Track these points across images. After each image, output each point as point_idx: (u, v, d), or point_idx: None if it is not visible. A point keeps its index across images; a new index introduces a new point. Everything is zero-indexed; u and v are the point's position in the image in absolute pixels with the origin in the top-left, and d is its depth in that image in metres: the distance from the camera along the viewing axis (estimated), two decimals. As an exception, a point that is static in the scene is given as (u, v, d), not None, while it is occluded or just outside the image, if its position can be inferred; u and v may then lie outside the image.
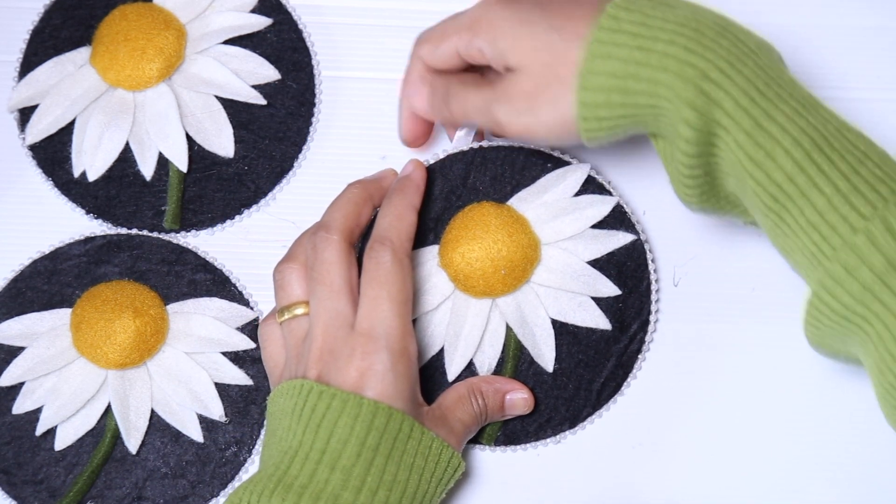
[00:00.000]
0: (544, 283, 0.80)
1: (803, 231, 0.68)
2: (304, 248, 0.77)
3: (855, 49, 0.86)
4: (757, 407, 0.81)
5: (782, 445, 0.81)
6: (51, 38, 0.85)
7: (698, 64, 0.69)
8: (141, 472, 0.80)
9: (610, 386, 0.80)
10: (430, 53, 0.78)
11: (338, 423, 0.71)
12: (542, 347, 0.79)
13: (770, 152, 0.68)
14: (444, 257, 0.79)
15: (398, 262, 0.75)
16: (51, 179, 0.84)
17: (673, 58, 0.69)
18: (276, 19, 0.85)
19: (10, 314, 0.81)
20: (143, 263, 0.82)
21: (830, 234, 0.67)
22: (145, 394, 0.80)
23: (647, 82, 0.70)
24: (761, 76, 0.69)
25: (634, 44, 0.70)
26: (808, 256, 0.69)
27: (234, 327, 0.81)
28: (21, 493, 0.79)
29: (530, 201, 0.80)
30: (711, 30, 0.70)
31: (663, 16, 0.71)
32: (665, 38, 0.70)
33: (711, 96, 0.69)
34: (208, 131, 0.83)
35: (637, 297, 0.80)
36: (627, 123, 0.72)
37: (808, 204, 0.68)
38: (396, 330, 0.73)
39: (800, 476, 0.80)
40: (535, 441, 0.80)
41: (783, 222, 0.69)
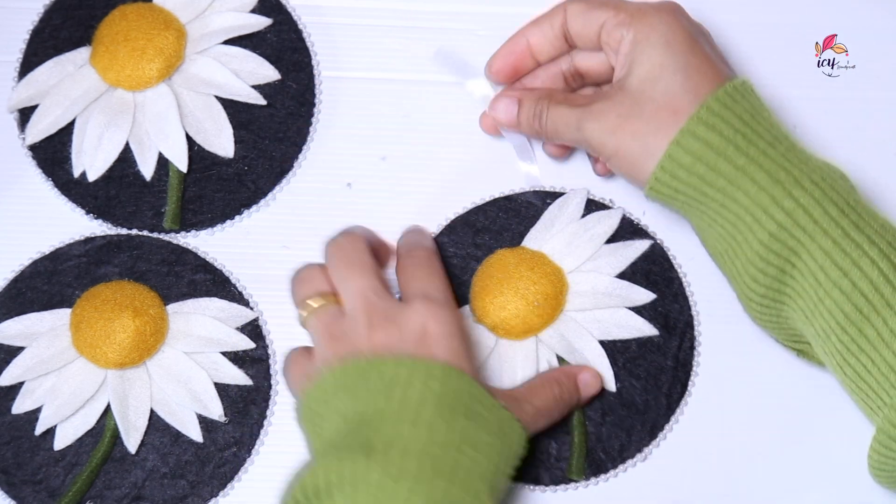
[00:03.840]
0: (579, 307, 0.80)
1: (885, 345, 0.68)
2: (317, 266, 0.75)
3: (855, 49, 0.86)
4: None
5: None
6: (51, 38, 0.85)
7: (785, 178, 0.70)
8: (140, 472, 0.80)
9: (677, 389, 0.80)
10: (576, 15, 0.77)
11: (411, 384, 0.68)
12: (599, 369, 0.79)
13: (857, 261, 0.68)
14: (477, 311, 0.79)
15: (435, 255, 0.76)
16: (51, 179, 0.84)
17: (762, 164, 0.70)
18: (276, 19, 0.85)
19: (10, 314, 0.81)
20: (142, 264, 0.82)
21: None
22: (145, 393, 0.80)
23: (732, 173, 0.71)
24: (844, 197, 0.70)
25: (737, 128, 0.71)
26: (886, 373, 0.68)
27: (234, 327, 0.81)
28: (20, 493, 0.79)
29: (541, 237, 0.81)
30: (793, 152, 0.71)
31: (761, 120, 0.72)
32: (759, 142, 0.71)
33: (799, 202, 0.69)
34: (208, 131, 0.83)
35: (672, 296, 0.80)
36: (693, 198, 0.72)
37: (893, 315, 0.68)
38: (451, 295, 0.73)
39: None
40: (623, 464, 0.79)
41: (863, 336, 0.69)
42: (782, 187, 0.70)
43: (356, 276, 0.72)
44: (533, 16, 0.86)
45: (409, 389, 0.68)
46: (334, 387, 0.69)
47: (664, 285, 0.80)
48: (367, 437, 0.67)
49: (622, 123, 0.74)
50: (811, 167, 0.71)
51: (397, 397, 0.67)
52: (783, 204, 0.70)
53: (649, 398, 0.80)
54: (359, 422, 0.68)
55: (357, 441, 0.67)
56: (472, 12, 0.87)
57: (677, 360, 0.80)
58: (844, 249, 0.69)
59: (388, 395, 0.68)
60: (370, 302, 0.71)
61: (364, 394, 0.68)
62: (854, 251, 0.68)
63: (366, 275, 0.72)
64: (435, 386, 0.68)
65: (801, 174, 0.70)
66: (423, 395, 0.68)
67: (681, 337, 0.80)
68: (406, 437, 0.66)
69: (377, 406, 0.68)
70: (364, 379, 0.69)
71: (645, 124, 0.73)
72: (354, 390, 0.69)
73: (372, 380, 0.68)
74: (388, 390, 0.68)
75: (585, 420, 0.79)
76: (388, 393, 0.68)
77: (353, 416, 0.68)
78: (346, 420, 0.68)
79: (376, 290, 0.72)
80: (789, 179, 0.70)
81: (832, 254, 0.69)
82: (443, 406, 0.68)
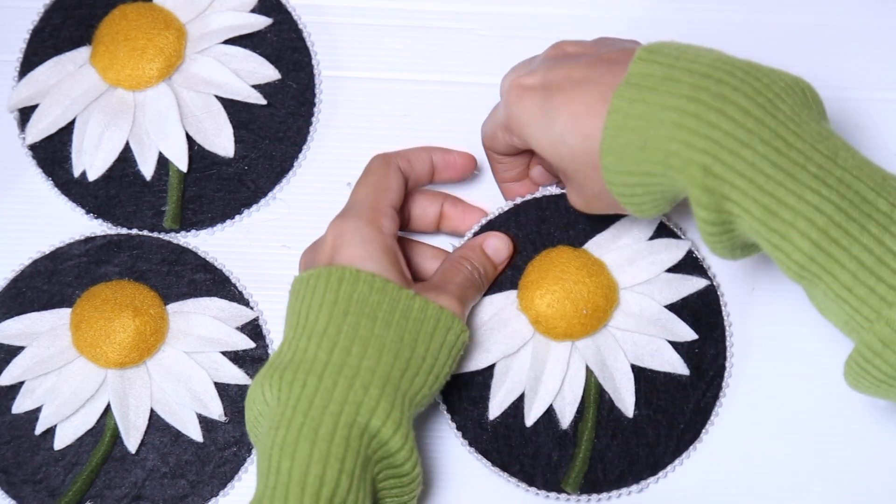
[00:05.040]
0: (622, 326, 0.79)
1: (833, 302, 0.67)
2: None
3: (855, 49, 0.86)
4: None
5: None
6: (51, 37, 0.85)
7: (706, 148, 0.67)
8: (140, 472, 0.80)
9: (690, 432, 0.79)
10: (492, 148, 0.79)
11: (313, 297, 0.72)
12: (622, 392, 0.79)
13: (785, 235, 0.66)
14: (523, 301, 0.79)
15: (384, 163, 0.77)
16: (51, 179, 0.84)
17: (679, 142, 0.67)
18: (276, 19, 0.85)
19: (10, 314, 0.81)
20: (143, 263, 0.82)
21: (861, 306, 0.66)
22: (145, 393, 0.80)
23: (657, 164, 0.69)
24: (774, 146, 0.67)
25: (641, 124, 0.68)
26: (842, 324, 0.68)
27: (234, 327, 0.81)
28: (20, 493, 0.79)
29: (606, 246, 0.80)
30: (728, 85, 0.68)
31: (676, 81, 0.68)
32: (671, 119, 0.68)
33: (719, 189, 0.67)
34: (208, 131, 0.83)
35: (712, 343, 0.80)
36: (654, 191, 0.71)
37: (833, 280, 0.66)
38: (366, 204, 0.75)
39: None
40: (618, 489, 0.79)
41: (811, 293, 0.68)
42: (701, 172, 0.67)
43: (344, 213, 0.76)
44: (533, 16, 0.86)
45: (312, 302, 0.72)
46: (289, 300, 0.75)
47: (707, 328, 0.80)
48: (279, 357, 0.72)
49: (571, 183, 0.74)
50: (733, 115, 0.67)
51: (302, 314, 0.72)
52: (705, 190, 0.67)
53: (661, 434, 0.79)
54: (287, 340, 0.73)
55: (271, 362, 0.72)
56: (472, 12, 0.87)
57: (698, 406, 0.79)
58: (771, 227, 0.66)
59: (298, 313, 0.73)
60: (330, 226, 0.75)
61: (289, 311, 0.74)
62: (781, 226, 0.66)
63: (349, 216, 0.75)
64: (329, 294, 0.72)
65: (714, 146, 0.67)
66: (319, 306, 0.72)
67: (708, 383, 0.80)
68: (301, 351, 0.71)
69: (289, 325, 0.73)
70: (293, 296, 0.74)
71: (579, 174, 0.73)
72: (289, 308, 0.74)
73: (290, 301, 0.74)
74: (298, 309, 0.73)
75: (595, 437, 0.79)
76: (297, 311, 0.73)
77: (286, 333, 0.73)
78: (285, 337, 0.74)
79: (341, 218, 0.75)
80: (703, 161, 0.67)
81: (760, 231, 0.67)
82: (336, 311, 0.71)
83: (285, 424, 0.69)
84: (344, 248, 0.73)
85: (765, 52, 0.84)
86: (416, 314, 0.72)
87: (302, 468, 0.68)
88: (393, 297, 0.72)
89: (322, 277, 0.73)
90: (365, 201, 0.76)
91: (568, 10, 0.86)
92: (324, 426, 0.69)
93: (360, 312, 0.72)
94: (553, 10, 0.86)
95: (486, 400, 0.79)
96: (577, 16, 0.86)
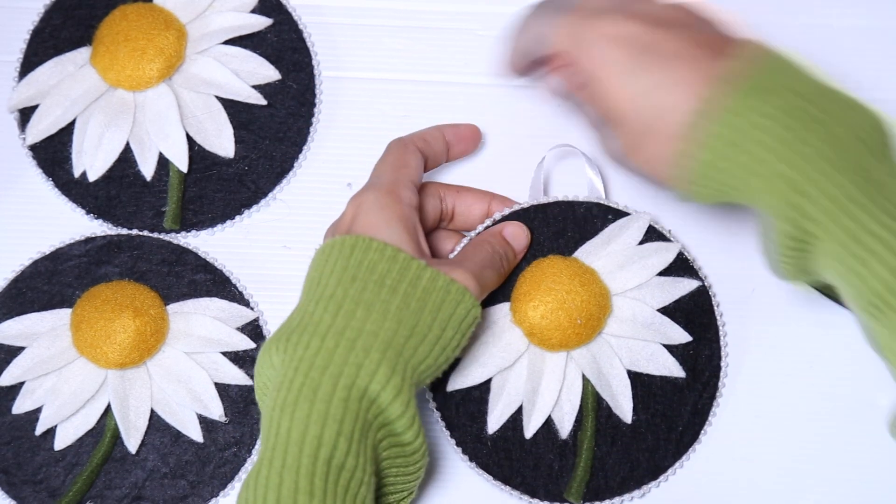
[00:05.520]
0: (616, 333, 0.79)
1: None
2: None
3: (855, 49, 0.86)
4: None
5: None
6: (51, 38, 0.85)
7: (796, 164, 0.67)
8: (140, 472, 0.80)
9: (688, 434, 0.80)
10: (516, 67, 0.77)
11: (325, 265, 0.73)
12: (620, 399, 0.79)
13: (866, 262, 0.66)
14: (517, 313, 0.79)
15: (401, 144, 0.78)
16: (51, 179, 0.84)
17: (770, 152, 0.67)
18: (276, 19, 0.85)
19: (11, 314, 0.81)
20: (143, 264, 0.82)
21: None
22: (145, 394, 0.80)
23: (741, 168, 0.68)
24: (862, 174, 0.67)
25: (729, 138, 0.68)
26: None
27: (234, 327, 0.81)
28: (21, 493, 0.79)
29: (595, 253, 0.80)
30: (827, 112, 0.68)
31: (777, 94, 0.68)
32: (765, 128, 0.68)
33: (803, 206, 0.67)
34: (208, 131, 0.83)
35: (707, 343, 0.80)
36: (723, 189, 0.70)
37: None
38: (386, 176, 0.76)
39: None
40: (621, 496, 0.79)
41: (877, 330, 0.67)
42: (785, 197, 0.67)
43: (365, 188, 0.76)
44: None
45: (325, 269, 0.73)
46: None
47: (701, 329, 0.80)
48: (289, 323, 0.72)
49: (630, 148, 0.72)
50: (820, 147, 0.67)
51: (314, 280, 0.73)
52: (788, 214, 0.67)
53: (660, 438, 0.79)
54: (298, 306, 0.73)
55: (282, 328, 0.72)
56: (472, 12, 0.87)
57: (696, 408, 0.80)
58: (852, 252, 0.66)
59: (310, 280, 0.73)
60: (350, 200, 0.76)
61: (305, 280, 0.74)
62: (863, 252, 0.66)
63: (368, 189, 0.76)
64: (341, 260, 0.72)
65: (800, 175, 0.67)
66: (331, 272, 0.72)
67: (704, 385, 0.80)
68: (308, 314, 0.71)
69: (303, 292, 0.74)
70: (311, 266, 0.74)
71: (649, 145, 0.71)
72: (305, 278, 0.75)
73: (308, 270, 0.74)
74: (312, 276, 0.73)
75: (595, 445, 0.79)
76: (310, 279, 0.73)
77: (299, 300, 0.74)
78: (297, 304, 0.74)
79: (361, 191, 0.76)
80: (789, 186, 0.67)
81: (840, 257, 0.67)
82: (345, 276, 0.72)
83: (286, 385, 0.69)
84: (361, 217, 0.74)
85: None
86: (425, 284, 0.72)
87: (300, 428, 0.68)
88: (403, 266, 0.72)
89: (336, 246, 0.73)
90: (384, 176, 0.76)
91: (568, 11, 0.86)
92: (323, 387, 0.69)
93: (368, 279, 0.72)
94: (553, 11, 0.86)
95: (484, 414, 0.79)
96: (577, 16, 0.86)
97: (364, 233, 0.73)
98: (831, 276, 0.69)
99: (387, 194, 0.75)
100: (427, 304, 0.72)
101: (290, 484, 0.67)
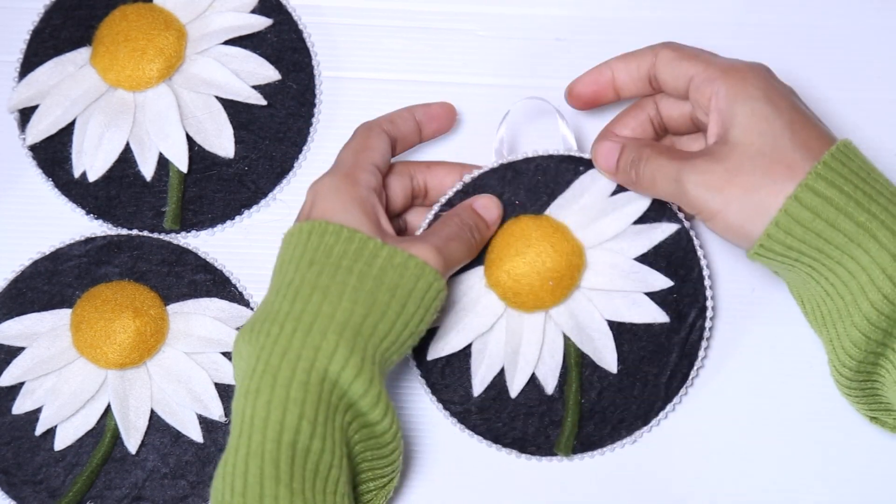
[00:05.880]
0: (594, 286, 0.79)
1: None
2: None
3: (855, 49, 0.86)
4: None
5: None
6: (51, 38, 0.85)
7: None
8: (140, 473, 0.80)
9: (677, 378, 0.80)
10: (666, 63, 0.76)
11: (284, 254, 0.73)
12: (603, 351, 0.79)
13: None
14: (490, 277, 0.79)
15: (366, 127, 0.78)
16: (51, 180, 0.84)
17: (885, 222, 0.69)
18: (276, 20, 0.85)
19: (11, 314, 0.81)
20: (143, 264, 0.82)
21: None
22: (145, 394, 0.80)
23: (852, 231, 0.69)
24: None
25: (857, 184, 0.70)
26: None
27: (234, 328, 0.81)
28: (21, 493, 0.79)
29: (568, 207, 0.80)
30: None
31: (877, 177, 0.71)
32: (880, 199, 0.70)
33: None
34: (208, 132, 0.83)
35: (690, 285, 0.80)
36: (804, 255, 0.71)
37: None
38: (346, 161, 0.76)
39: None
40: (612, 444, 0.80)
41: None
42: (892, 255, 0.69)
43: (324, 174, 0.76)
44: (533, 16, 0.86)
45: (283, 257, 0.73)
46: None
47: (684, 271, 0.80)
48: (254, 317, 0.72)
49: (731, 178, 0.71)
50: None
51: (277, 271, 0.73)
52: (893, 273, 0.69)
53: (649, 384, 0.79)
54: (263, 298, 0.74)
55: (251, 318, 0.73)
56: (472, 12, 0.87)
57: (682, 350, 0.80)
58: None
59: (273, 271, 0.74)
60: (308, 188, 0.76)
61: (273, 273, 0.74)
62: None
63: (326, 175, 0.76)
64: (298, 247, 0.73)
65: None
66: (289, 260, 0.73)
67: (690, 327, 0.80)
68: (269, 303, 0.72)
69: (271, 279, 0.74)
70: (277, 258, 0.75)
71: (759, 178, 0.71)
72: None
73: (277, 258, 0.75)
74: (275, 268, 0.74)
75: (581, 398, 0.79)
76: (274, 270, 0.74)
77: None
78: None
79: (319, 178, 0.76)
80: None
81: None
82: (302, 262, 0.72)
83: (249, 374, 0.70)
84: (319, 202, 0.74)
85: (765, 52, 0.84)
86: (381, 262, 0.72)
87: (262, 414, 0.68)
88: (359, 246, 0.72)
89: (295, 234, 0.73)
90: (344, 161, 0.77)
91: (567, 12, 0.86)
92: (282, 372, 0.69)
93: (324, 262, 0.72)
94: (553, 11, 0.86)
95: (469, 378, 0.79)
96: (576, 17, 0.86)
97: (321, 217, 0.73)
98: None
99: (343, 178, 0.75)
100: (384, 281, 0.72)
101: (256, 470, 0.67)
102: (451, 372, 0.80)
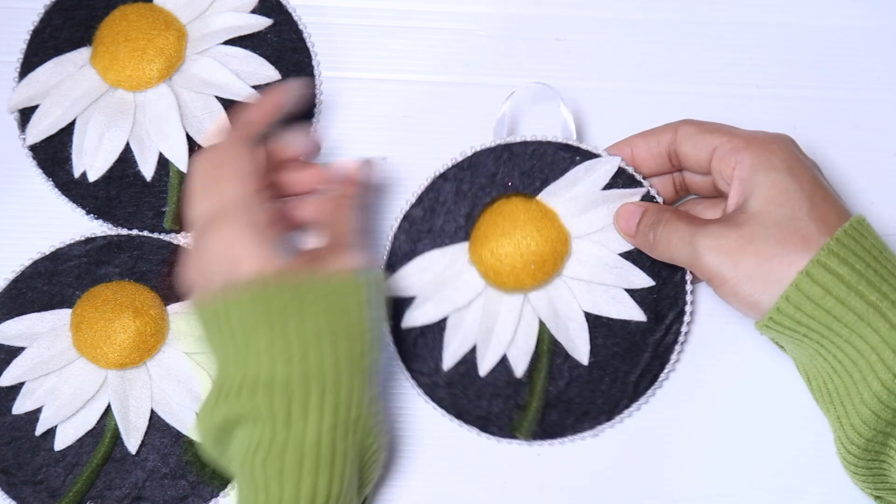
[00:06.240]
0: (576, 276, 0.79)
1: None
2: None
3: (855, 49, 0.86)
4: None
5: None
6: (51, 38, 0.85)
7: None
8: (141, 473, 0.80)
9: (647, 378, 0.80)
10: (687, 137, 0.77)
11: (229, 320, 0.71)
12: (577, 341, 0.79)
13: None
14: (473, 253, 0.79)
15: (235, 141, 0.75)
16: (51, 180, 0.84)
17: (890, 303, 0.70)
18: (276, 20, 0.85)
19: (11, 314, 0.81)
20: (143, 264, 0.82)
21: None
22: (145, 394, 0.80)
23: (862, 309, 0.70)
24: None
25: (868, 263, 0.70)
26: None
27: (235, 327, 0.81)
28: (21, 494, 0.79)
29: (559, 195, 0.80)
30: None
31: (889, 256, 0.71)
32: (890, 279, 0.70)
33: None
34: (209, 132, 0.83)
35: (672, 287, 0.80)
36: (813, 331, 0.71)
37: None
38: (241, 201, 0.72)
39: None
40: (573, 434, 0.80)
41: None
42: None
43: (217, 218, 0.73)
44: (533, 16, 0.86)
45: (230, 325, 0.71)
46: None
47: (666, 273, 0.80)
48: (220, 383, 0.71)
49: (744, 245, 0.72)
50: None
51: (227, 337, 0.71)
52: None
53: (618, 380, 0.80)
54: (219, 368, 0.72)
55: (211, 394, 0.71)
56: (472, 12, 0.87)
57: (656, 351, 0.80)
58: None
59: (222, 338, 0.71)
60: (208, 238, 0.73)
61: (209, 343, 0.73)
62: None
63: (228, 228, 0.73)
64: (244, 315, 0.70)
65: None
66: (241, 324, 0.70)
67: (667, 328, 0.80)
68: (228, 376, 0.71)
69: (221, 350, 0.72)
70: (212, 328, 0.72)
71: (772, 247, 0.71)
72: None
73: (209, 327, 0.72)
74: (218, 332, 0.71)
75: (550, 385, 0.80)
76: (221, 335, 0.71)
77: (217, 360, 0.73)
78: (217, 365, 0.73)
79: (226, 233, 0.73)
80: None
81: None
82: (258, 324, 0.70)
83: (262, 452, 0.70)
84: (244, 260, 0.71)
85: (765, 52, 0.84)
86: (323, 303, 0.71)
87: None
88: (295, 294, 0.70)
89: (232, 305, 0.71)
90: (235, 196, 0.73)
91: (567, 12, 0.87)
92: (288, 453, 0.70)
93: (284, 320, 0.70)
94: (552, 11, 0.86)
95: (440, 351, 0.80)
96: (576, 17, 0.86)
97: (258, 272, 0.71)
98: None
99: (253, 226, 0.72)
100: (336, 315, 0.71)
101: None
102: (423, 343, 0.80)
